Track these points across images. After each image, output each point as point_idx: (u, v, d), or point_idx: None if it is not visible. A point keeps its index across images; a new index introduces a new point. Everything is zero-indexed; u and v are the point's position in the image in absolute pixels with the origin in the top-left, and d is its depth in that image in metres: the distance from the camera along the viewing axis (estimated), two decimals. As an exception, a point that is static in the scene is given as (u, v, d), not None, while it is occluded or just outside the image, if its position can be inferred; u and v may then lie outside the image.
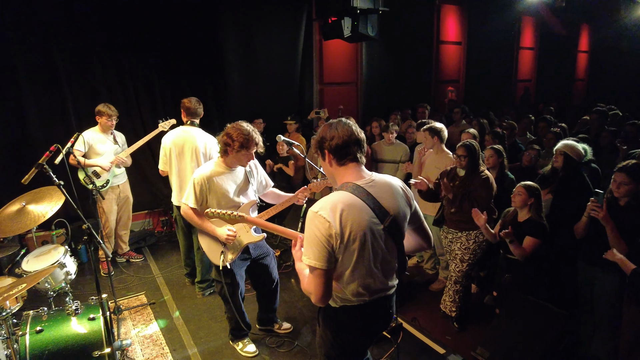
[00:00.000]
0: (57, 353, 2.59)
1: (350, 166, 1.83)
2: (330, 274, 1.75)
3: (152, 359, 3.18)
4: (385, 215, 1.80)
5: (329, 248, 1.71)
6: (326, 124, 1.87)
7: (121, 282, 4.44)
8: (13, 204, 2.92)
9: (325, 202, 1.75)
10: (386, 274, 1.91)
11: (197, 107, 3.92)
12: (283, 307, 3.83)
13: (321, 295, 1.75)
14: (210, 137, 3.93)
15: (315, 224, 1.71)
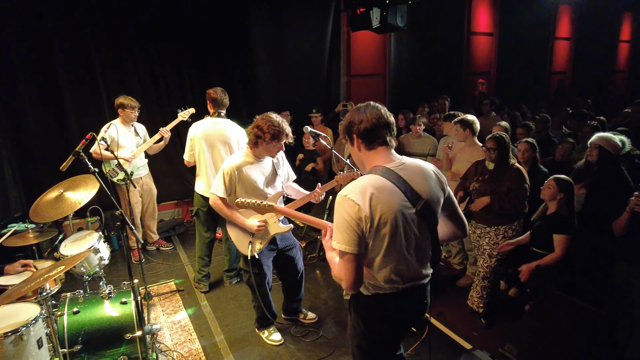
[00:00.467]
0: (92, 333, 2.70)
1: (379, 150, 1.78)
2: (360, 259, 1.70)
3: (181, 344, 3.27)
4: (417, 198, 1.73)
5: (359, 232, 1.66)
6: (354, 109, 1.82)
7: (151, 269, 4.57)
8: (52, 191, 3.03)
9: (354, 186, 1.70)
10: (420, 261, 1.84)
11: (223, 97, 3.89)
12: (308, 298, 3.86)
13: (352, 281, 1.70)
14: (239, 128, 3.94)
15: (344, 208, 1.67)
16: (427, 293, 1.98)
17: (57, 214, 2.94)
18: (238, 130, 3.92)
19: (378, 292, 1.85)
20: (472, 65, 8.92)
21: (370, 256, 1.76)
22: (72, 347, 2.62)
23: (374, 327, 1.94)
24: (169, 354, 3.15)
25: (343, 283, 1.74)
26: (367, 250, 1.74)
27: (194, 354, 3.15)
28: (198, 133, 3.87)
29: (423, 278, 1.90)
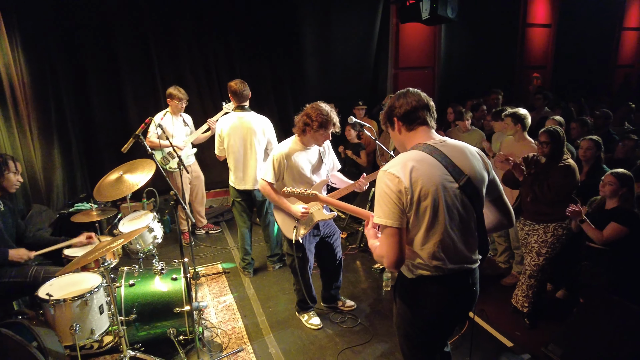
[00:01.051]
0: (145, 305, 2.91)
1: (419, 130, 1.80)
2: (402, 234, 1.69)
3: (225, 322, 3.44)
4: (459, 174, 1.72)
5: (400, 205, 1.66)
6: (394, 95, 1.85)
7: (200, 252, 4.82)
8: (112, 174, 3.29)
9: (395, 161, 1.73)
10: (467, 242, 1.79)
11: (243, 89, 3.92)
12: (347, 287, 3.92)
13: (394, 257, 1.68)
14: (264, 119, 3.98)
15: (384, 181, 1.69)
16: (477, 280, 1.91)
17: (117, 194, 3.19)
18: (262, 121, 3.97)
19: (422, 274, 1.80)
20: (527, 58, 8.51)
21: (412, 233, 1.74)
22: (128, 316, 2.85)
23: (420, 312, 1.88)
24: (214, 331, 3.32)
25: (385, 260, 1.72)
26: (409, 227, 1.72)
27: (237, 332, 3.31)
28: (225, 128, 3.95)
29: (470, 262, 1.84)
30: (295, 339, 3.23)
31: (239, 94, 3.92)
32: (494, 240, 4.43)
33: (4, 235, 2.87)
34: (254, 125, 3.92)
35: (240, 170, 3.96)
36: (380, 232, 1.75)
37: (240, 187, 4.01)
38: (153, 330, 2.95)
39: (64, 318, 2.57)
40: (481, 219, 1.81)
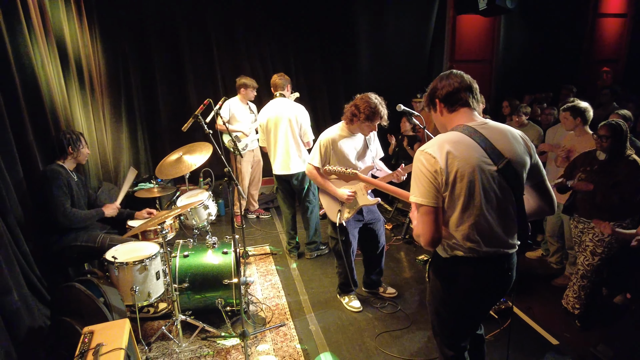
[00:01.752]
0: (197, 275, 3.14)
1: (461, 111, 1.80)
2: (437, 213, 1.71)
3: (270, 299, 3.61)
4: (499, 157, 1.70)
5: (435, 184, 1.68)
6: (437, 77, 1.86)
7: (250, 234, 5.07)
8: (174, 154, 3.56)
9: (432, 141, 1.74)
10: (504, 226, 1.77)
11: (276, 78, 4.21)
12: (390, 276, 3.95)
13: (430, 236, 1.70)
14: (298, 107, 4.10)
15: (421, 161, 1.71)
16: (513, 265, 1.89)
17: (176, 172, 3.44)
18: (293, 109, 4.09)
19: (457, 255, 1.81)
20: (596, 51, 7.95)
21: (447, 214, 1.76)
22: (181, 284, 3.09)
23: (453, 293, 1.90)
24: (259, 306, 3.50)
25: (421, 239, 1.74)
26: (445, 208, 1.74)
27: (280, 308, 3.46)
28: (264, 119, 4.19)
29: (508, 247, 1.82)
30: (335, 319, 3.33)
31: (272, 83, 4.24)
32: (546, 239, 4.26)
33: (81, 201, 3.22)
34: (285, 112, 4.07)
35: (275, 156, 4.18)
36: (416, 211, 1.78)
37: (276, 172, 4.21)
38: (203, 299, 3.17)
39: (125, 280, 2.85)
40: (521, 203, 1.78)
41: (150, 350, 2.94)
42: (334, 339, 3.09)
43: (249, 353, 2.89)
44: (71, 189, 3.13)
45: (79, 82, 4.33)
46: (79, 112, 4.25)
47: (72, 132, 3.26)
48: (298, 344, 3.02)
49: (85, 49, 4.58)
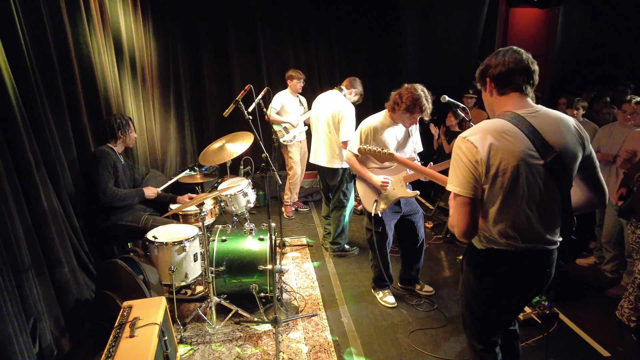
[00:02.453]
0: (233, 260, 3.19)
1: (512, 96, 1.67)
2: (475, 204, 1.62)
3: (303, 289, 3.61)
4: (547, 150, 1.57)
5: (475, 175, 1.59)
6: (494, 52, 1.72)
7: (288, 225, 5.10)
8: (217, 142, 3.64)
9: (475, 128, 1.64)
10: (545, 222, 1.67)
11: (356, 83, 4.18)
12: (428, 274, 3.84)
13: (465, 227, 1.63)
14: (344, 105, 3.97)
15: (461, 149, 1.62)
16: (553, 262, 1.77)
17: (219, 159, 3.51)
18: (338, 105, 3.97)
19: (492, 247, 1.73)
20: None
21: (486, 206, 1.67)
22: (218, 267, 3.15)
23: (485, 285, 1.82)
24: (292, 294, 3.51)
25: (455, 229, 1.68)
26: (483, 199, 1.65)
27: (313, 298, 3.45)
28: (313, 108, 4.27)
29: (548, 243, 1.70)
30: (368, 313, 3.27)
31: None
32: (601, 246, 3.97)
33: (125, 183, 3.37)
34: (332, 106, 4.02)
35: (312, 145, 4.23)
36: (453, 201, 1.70)
37: (310, 160, 4.28)
38: (238, 283, 3.21)
39: (164, 259, 2.95)
40: (567, 199, 1.66)
41: (185, 330, 3.02)
42: (366, 332, 3.04)
43: (279, 340, 2.89)
44: (117, 170, 3.28)
45: (132, 73, 4.53)
46: (130, 101, 4.46)
47: (122, 116, 3.42)
48: (329, 335, 2.99)
49: (138, 41, 4.80)
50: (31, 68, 2.69)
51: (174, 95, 5.73)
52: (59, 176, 2.95)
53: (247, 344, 2.89)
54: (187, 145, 6.03)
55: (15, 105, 2.47)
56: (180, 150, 5.90)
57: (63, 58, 3.16)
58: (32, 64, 2.72)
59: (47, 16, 2.95)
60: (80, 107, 3.34)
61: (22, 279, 2.35)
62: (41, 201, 2.63)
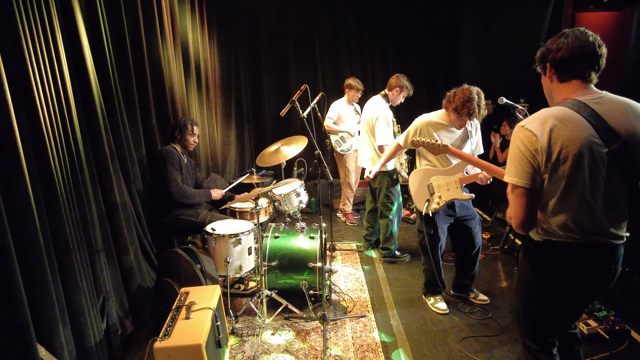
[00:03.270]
0: (285, 256, 3.27)
1: (573, 83, 1.59)
2: (533, 195, 1.57)
3: (352, 291, 3.60)
4: (612, 137, 1.48)
5: (534, 164, 1.53)
6: (557, 34, 1.63)
7: (339, 230, 5.13)
8: (273, 145, 3.80)
9: (534, 116, 1.58)
10: (611, 215, 1.57)
11: (391, 79, 4.13)
12: (483, 283, 3.69)
13: (522, 218, 1.58)
14: (379, 108, 3.97)
15: (519, 138, 1.57)
16: (618, 259, 1.64)
17: (274, 161, 3.66)
18: (375, 108, 3.99)
19: (551, 239, 1.64)
20: None
21: (545, 197, 1.60)
22: (270, 262, 3.24)
23: (542, 280, 1.72)
24: (341, 295, 3.52)
25: (513, 221, 1.62)
26: (543, 189, 1.58)
27: (362, 301, 3.43)
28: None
29: (613, 237, 1.59)
30: (418, 318, 3.20)
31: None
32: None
33: (188, 181, 3.59)
34: (370, 111, 4.06)
35: (359, 149, 4.27)
36: (511, 192, 1.64)
37: (358, 164, 4.29)
38: (289, 280, 3.28)
39: (221, 251, 3.09)
40: (635, 190, 1.55)
41: (236, 322, 3.12)
42: (415, 336, 2.97)
43: (327, 337, 2.91)
44: (182, 168, 3.51)
45: (197, 82, 4.86)
46: (194, 108, 4.76)
47: (183, 119, 3.66)
48: (377, 336, 2.96)
49: (204, 53, 5.14)
50: (112, 73, 3.00)
51: (235, 104, 6.04)
52: (129, 171, 3.21)
53: (296, 339, 2.93)
54: (246, 152, 6.30)
55: (98, 105, 2.76)
56: (239, 156, 6.18)
57: (138, 65, 3.48)
58: (113, 69, 3.02)
59: (128, 28, 3.28)
60: (150, 110, 3.64)
61: (95, 260, 2.57)
62: (113, 191, 2.88)
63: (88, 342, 2.33)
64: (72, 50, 2.54)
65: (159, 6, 3.79)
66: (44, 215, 2.07)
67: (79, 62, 2.60)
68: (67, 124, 2.37)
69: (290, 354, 2.78)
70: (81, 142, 2.51)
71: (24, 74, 2.02)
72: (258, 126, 6.51)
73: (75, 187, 2.40)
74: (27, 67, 2.02)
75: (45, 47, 2.22)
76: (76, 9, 2.57)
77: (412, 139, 2.68)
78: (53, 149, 2.18)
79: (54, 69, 2.29)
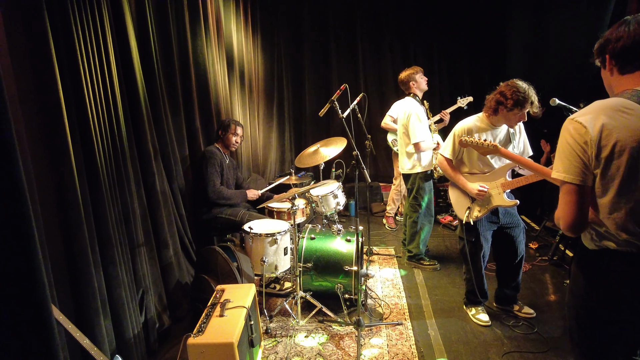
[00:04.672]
0: (320, 258, 3.24)
1: (636, 74, 1.44)
2: (584, 192, 1.44)
3: (389, 297, 3.51)
4: None
5: (584, 158, 1.41)
6: (618, 22, 1.50)
7: (379, 235, 5.04)
8: (312, 146, 3.79)
9: (587, 108, 1.45)
10: None
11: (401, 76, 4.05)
12: (529, 296, 3.47)
13: (572, 219, 1.44)
14: (407, 106, 3.88)
15: (568, 131, 1.45)
16: None
17: (313, 162, 3.65)
18: (404, 108, 3.92)
19: (608, 247, 1.48)
20: None
21: (599, 196, 1.46)
22: (306, 263, 3.22)
23: (598, 295, 1.53)
24: (377, 301, 3.43)
25: (561, 222, 1.49)
26: (595, 187, 1.45)
27: (399, 308, 3.33)
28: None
29: None
30: (458, 329, 3.05)
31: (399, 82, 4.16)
32: None
33: (229, 181, 3.65)
34: (401, 111, 3.97)
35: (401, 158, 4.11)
36: (560, 190, 1.50)
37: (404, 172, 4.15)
38: (324, 282, 3.24)
39: (257, 250, 3.11)
40: None
41: (271, 322, 3.12)
42: (454, 347, 2.83)
43: (361, 343, 2.84)
44: (222, 169, 3.57)
45: (240, 83, 4.94)
46: (237, 109, 4.85)
47: (226, 119, 3.73)
48: (414, 345, 2.85)
49: (248, 54, 5.22)
50: (157, 73, 3.09)
51: (277, 106, 6.10)
52: (172, 168, 3.30)
53: (329, 343, 2.88)
54: (286, 153, 6.34)
55: (143, 103, 2.85)
56: (279, 157, 6.23)
57: (183, 66, 3.57)
58: (158, 69, 3.12)
59: (174, 28, 3.37)
60: (194, 109, 3.73)
61: (135, 254, 2.65)
62: (156, 188, 2.97)
63: (127, 334, 2.40)
64: (121, 51, 2.64)
65: (205, 8, 3.88)
66: (89, 209, 2.15)
67: (127, 63, 2.70)
68: (114, 122, 2.45)
69: (322, 357, 2.74)
70: (126, 140, 2.60)
71: (76, 73, 2.12)
72: (298, 127, 6.54)
73: (119, 182, 2.48)
74: (78, 66, 2.12)
75: (97, 47, 2.31)
76: (126, 10, 2.67)
77: (461, 139, 2.57)
78: (99, 146, 2.26)
79: (104, 69, 2.38)
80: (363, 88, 6.08)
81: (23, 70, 1.86)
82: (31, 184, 1.79)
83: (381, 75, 6.18)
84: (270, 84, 5.97)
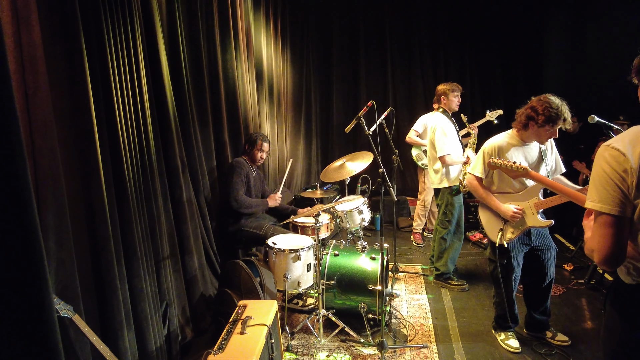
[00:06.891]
0: (344, 275, 3.18)
1: None
2: (622, 224, 1.33)
3: (415, 318, 3.40)
4: None
5: (623, 187, 1.32)
6: None
7: (407, 251, 4.93)
8: (338, 160, 3.77)
9: (622, 134, 1.37)
10: None
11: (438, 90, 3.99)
12: (564, 322, 3.30)
13: (608, 252, 1.34)
14: (430, 120, 3.89)
15: (604, 158, 1.36)
16: None
17: (338, 176, 3.62)
18: (430, 121, 3.90)
19: None
20: None
21: (637, 227, 1.36)
22: (329, 281, 3.17)
23: (636, 333, 1.44)
24: (402, 322, 3.34)
25: (595, 255, 1.39)
26: (635, 218, 1.35)
27: (425, 330, 3.23)
28: None
29: None
30: (486, 354, 2.92)
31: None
32: None
33: (256, 192, 3.67)
34: (426, 125, 3.95)
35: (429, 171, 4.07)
36: (594, 220, 1.41)
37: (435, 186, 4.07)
38: (348, 301, 3.18)
39: (280, 265, 3.08)
40: None
41: (292, 339, 3.08)
42: (482, 375, 2.72)
43: (384, 365, 2.76)
44: (249, 180, 3.59)
45: (269, 97, 4.99)
46: (265, 123, 4.89)
47: (255, 134, 3.75)
48: (439, 370, 2.75)
49: (277, 70, 5.28)
50: (187, 87, 3.15)
51: (304, 119, 6.13)
52: (199, 181, 3.34)
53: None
54: (312, 166, 6.35)
55: (172, 118, 2.91)
56: (306, 170, 6.24)
57: (212, 80, 3.64)
58: (188, 84, 3.18)
59: (204, 43, 3.44)
60: (222, 123, 3.78)
61: (160, 267, 2.68)
62: (183, 201, 3.01)
63: (150, 347, 2.42)
64: (152, 64, 2.71)
65: (235, 23, 3.95)
66: (116, 223, 2.20)
67: (157, 78, 2.77)
68: (143, 138, 2.51)
69: (344, 379, 2.67)
70: (155, 155, 2.65)
71: (108, 90, 2.18)
72: (325, 139, 6.56)
73: (147, 196, 2.53)
74: (110, 83, 2.18)
75: (128, 64, 2.38)
76: (157, 26, 2.74)
77: (489, 161, 2.48)
78: (128, 162, 2.31)
79: (134, 85, 2.45)
80: (392, 102, 6.05)
81: (60, 90, 1.92)
82: (62, 198, 1.85)
83: (411, 89, 6.13)
84: (298, 97, 6.01)
